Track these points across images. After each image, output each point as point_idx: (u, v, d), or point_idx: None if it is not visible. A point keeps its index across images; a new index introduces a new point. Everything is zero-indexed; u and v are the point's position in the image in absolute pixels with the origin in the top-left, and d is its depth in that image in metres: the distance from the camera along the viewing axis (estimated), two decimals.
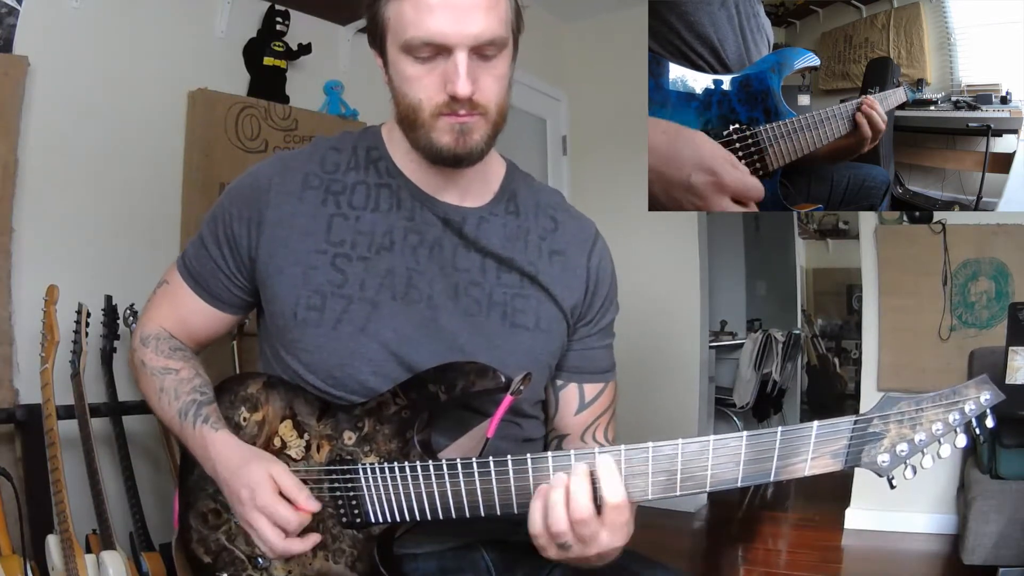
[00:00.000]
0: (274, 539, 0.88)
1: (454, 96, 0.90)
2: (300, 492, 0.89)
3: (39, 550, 1.73)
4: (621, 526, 0.81)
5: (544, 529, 0.81)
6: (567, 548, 0.81)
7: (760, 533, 3.50)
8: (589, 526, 0.80)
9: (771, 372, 4.84)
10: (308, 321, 0.96)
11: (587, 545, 0.81)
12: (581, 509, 0.79)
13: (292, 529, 0.88)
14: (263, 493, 0.88)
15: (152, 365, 1.04)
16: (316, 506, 0.90)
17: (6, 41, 1.94)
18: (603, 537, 0.81)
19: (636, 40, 1.75)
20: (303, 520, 0.89)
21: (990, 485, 2.60)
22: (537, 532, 0.82)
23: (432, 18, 0.88)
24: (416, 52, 0.90)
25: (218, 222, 1.02)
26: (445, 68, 0.90)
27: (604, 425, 1.10)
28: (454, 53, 0.89)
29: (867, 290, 3.44)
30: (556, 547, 0.82)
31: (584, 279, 1.06)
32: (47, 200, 2.03)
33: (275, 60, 2.53)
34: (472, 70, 0.90)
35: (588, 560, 0.84)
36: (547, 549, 0.83)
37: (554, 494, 0.80)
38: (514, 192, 1.08)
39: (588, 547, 0.81)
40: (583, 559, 0.83)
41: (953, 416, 0.75)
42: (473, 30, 0.88)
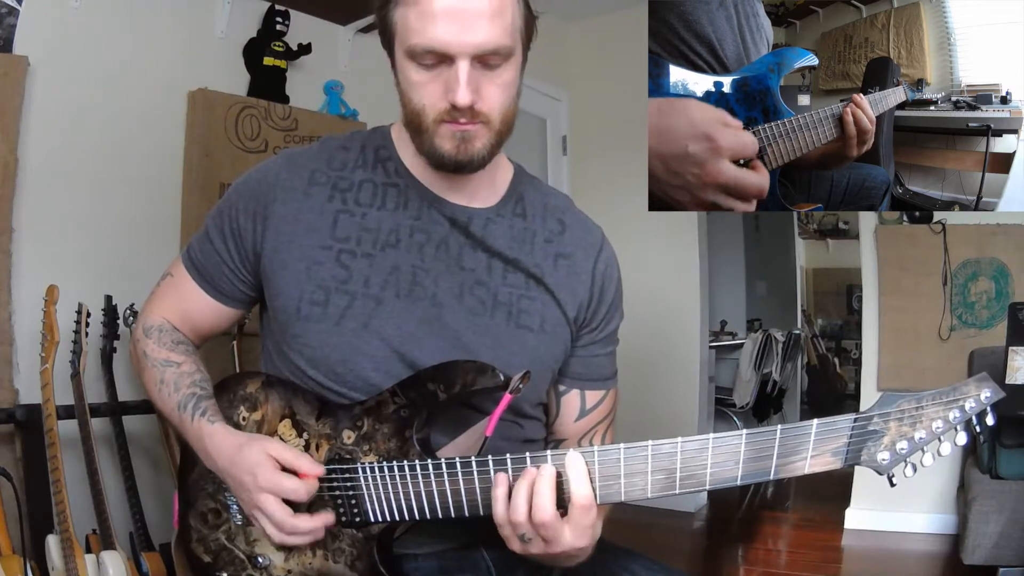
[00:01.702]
0: (284, 518, 0.88)
1: (454, 105, 0.90)
2: (300, 460, 0.90)
3: (39, 550, 1.73)
4: (586, 528, 0.82)
5: (506, 518, 0.83)
6: (528, 542, 0.83)
7: (760, 533, 3.50)
8: (551, 528, 0.81)
9: (771, 372, 4.84)
10: (311, 316, 0.96)
11: (549, 544, 0.82)
12: (543, 509, 0.81)
13: (302, 497, 0.88)
14: (264, 472, 0.88)
15: (154, 357, 1.04)
16: (320, 469, 0.90)
17: (6, 41, 1.94)
18: (566, 537, 0.82)
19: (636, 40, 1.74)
20: (311, 487, 0.89)
21: (990, 485, 2.60)
22: (500, 521, 0.83)
23: (435, 26, 0.87)
24: (420, 59, 0.90)
25: (224, 216, 1.03)
26: (447, 76, 0.90)
27: (602, 432, 1.10)
28: (456, 62, 0.89)
29: (867, 290, 3.44)
30: (518, 540, 0.84)
31: (589, 285, 1.06)
32: (47, 200, 2.03)
33: (275, 60, 2.53)
34: (474, 79, 0.90)
35: (555, 558, 0.85)
36: (511, 541, 0.84)
37: (519, 485, 0.82)
38: (521, 194, 1.08)
39: (551, 546, 0.83)
40: (549, 556, 0.85)
41: (953, 414, 0.75)
42: (475, 39, 0.88)
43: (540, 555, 0.85)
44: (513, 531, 0.83)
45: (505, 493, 0.83)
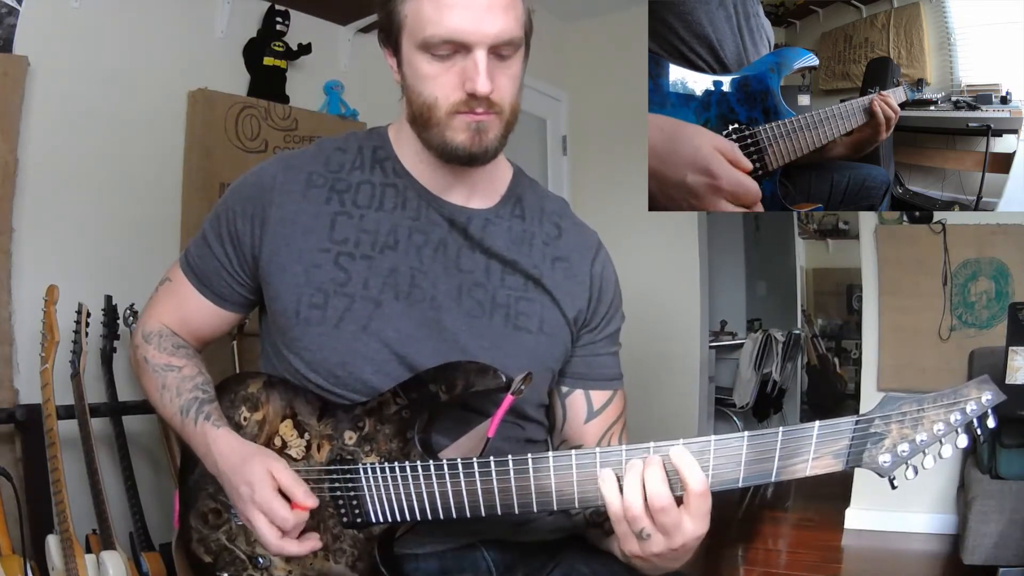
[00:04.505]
0: (271, 537, 0.88)
1: (473, 94, 0.90)
2: (298, 488, 0.89)
3: (39, 550, 1.73)
4: (705, 514, 0.80)
5: (622, 515, 0.79)
6: (647, 539, 0.80)
7: (760, 533, 3.50)
8: (671, 514, 0.78)
9: (771, 372, 4.83)
10: (310, 319, 0.96)
11: (670, 536, 0.79)
12: (661, 497, 0.78)
13: (288, 528, 0.88)
14: (261, 490, 0.88)
15: (154, 362, 1.04)
16: (314, 502, 0.90)
17: (6, 41, 1.94)
18: (687, 525, 0.79)
19: (636, 40, 1.74)
20: (299, 519, 0.89)
21: (990, 485, 2.60)
22: (616, 518, 0.80)
23: (452, 16, 0.88)
24: (435, 50, 0.90)
25: (221, 220, 1.03)
26: (464, 66, 0.90)
27: (617, 434, 1.09)
28: (473, 51, 0.89)
29: (867, 290, 3.44)
30: (635, 537, 0.80)
31: (587, 286, 1.06)
32: (47, 200, 2.03)
33: (275, 60, 2.53)
34: (490, 69, 0.90)
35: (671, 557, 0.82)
36: (626, 540, 0.81)
37: (628, 477, 0.79)
38: (520, 196, 1.08)
39: (672, 538, 0.79)
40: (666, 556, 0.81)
41: (954, 416, 0.75)
42: (493, 29, 0.89)
43: (658, 557, 0.81)
44: (630, 527, 0.80)
45: (615, 488, 0.80)
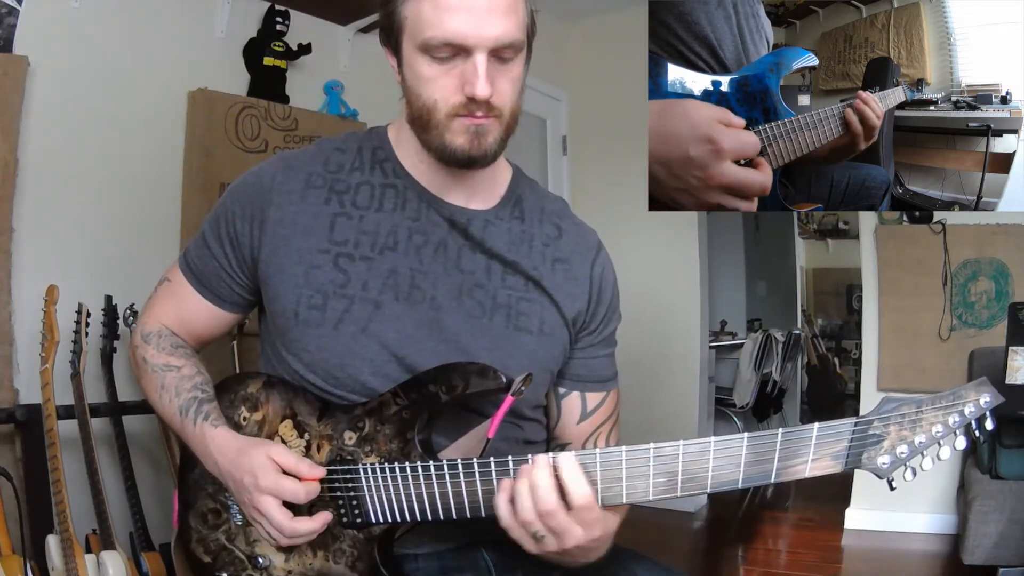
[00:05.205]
0: (283, 521, 0.88)
1: (472, 98, 0.90)
2: (301, 464, 0.90)
3: (39, 550, 1.73)
4: (594, 520, 0.82)
5: (513, 520, 0.82)
6: (542, 540, 0.82)
7: (760, 533, 3.50)
8: (557, 518, 0.80)
9: (771, 372, 4.83)
10: (309, 321, 0.96)
11: (561, 538, 0.81)
12: (546, 501, 0.80)
13: (301, 499, 0.89)
14: (265, 474, 0.88)
15: (153, 362, 1.04)
16: (321, 472, 0.90)
17: (6, 41, 1.94)
18: (576, 531, 0.81)
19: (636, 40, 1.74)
20: (311, 490, 0.89)
21: (990, 485, 2.60)
22: (508, 524, 0.83)
23: (452, 19, 0.88)
24: (434, 52, 0.90)
25: (220, 220, 1.02)
26: (463, 69, 0.90)
27: (606, 433, 1.10)
28: (473, 54, 0.89)
29: (867, 290, 3.44)
30: (531, 538, 0.83)
31: (587, 288, 1.06)
32: (47, 200, 2.03)
33: (275, 60, 2.53)
34: (490, 72, 0.90)
35: (570, 554, 0.84)
36: (523, 541, 0.84)
37: (519, 484, 0.81)
38: (520, 197, 1.08)
39: (563, 540, 0.81)
40: (564, 553, 0.84)
41: (953, 418, 0.75)
42: (493, 32, 0.89)
43: (557, 553, 0.84)
44: (524, 531, 0.82)
45: (508, 498, 0.82)
